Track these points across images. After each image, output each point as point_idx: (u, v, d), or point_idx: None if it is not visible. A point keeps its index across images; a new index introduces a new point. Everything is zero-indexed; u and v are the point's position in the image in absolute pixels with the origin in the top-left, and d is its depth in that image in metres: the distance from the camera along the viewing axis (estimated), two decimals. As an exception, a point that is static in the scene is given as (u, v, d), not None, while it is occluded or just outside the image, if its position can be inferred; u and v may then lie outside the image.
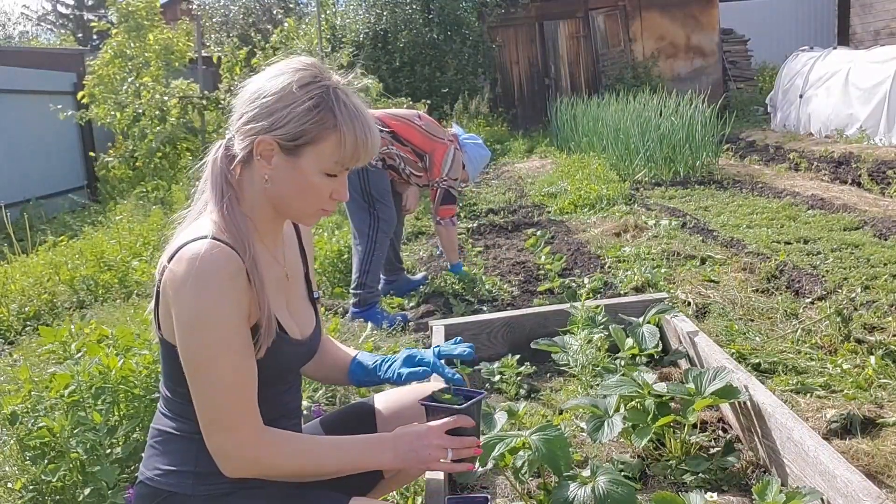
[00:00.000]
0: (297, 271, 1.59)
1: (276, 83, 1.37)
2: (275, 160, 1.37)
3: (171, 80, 9.35)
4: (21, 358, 3.44)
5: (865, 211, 5.48)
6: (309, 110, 1.35)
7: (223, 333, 1.30)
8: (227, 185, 1.40)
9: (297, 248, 1.61)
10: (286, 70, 1.39)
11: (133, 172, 9.35)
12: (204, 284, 1.29)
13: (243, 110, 1.39)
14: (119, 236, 5.68)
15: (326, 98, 1.36)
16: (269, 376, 1.43)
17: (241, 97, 1.41)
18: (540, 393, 2.81)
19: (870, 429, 2.28)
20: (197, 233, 1.35)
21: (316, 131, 1.35)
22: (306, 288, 1.61)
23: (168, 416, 1.45)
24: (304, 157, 1.37)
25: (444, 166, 4.09)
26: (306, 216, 1.47)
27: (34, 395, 2.19)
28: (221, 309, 1.30)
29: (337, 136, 1.36)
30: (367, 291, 3.91)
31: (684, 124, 8.15)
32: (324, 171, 1.39)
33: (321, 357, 1.68)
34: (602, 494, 1.66)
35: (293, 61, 1.41)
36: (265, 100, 1.36)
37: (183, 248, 1.32)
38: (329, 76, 1.41)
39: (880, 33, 13.70)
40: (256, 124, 1.36)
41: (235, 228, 1.35)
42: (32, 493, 2.02)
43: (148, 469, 1.45)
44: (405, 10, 14.38)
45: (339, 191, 1.43)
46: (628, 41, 15.23)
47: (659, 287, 3.92)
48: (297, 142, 1.35)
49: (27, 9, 56.67)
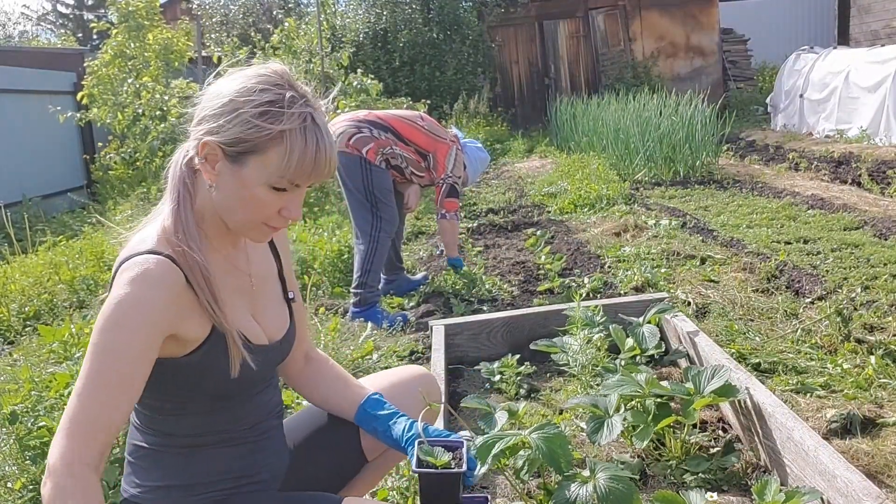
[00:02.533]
0: (268, 272, 1.53)
1: (233, 86, 1.30)
2: (219, 166, 1.31)
3: (171, 79, 9.34)
4: (21, 358, 3.44)
5: (865, 211, 5.48)
6: (255, 116, 1.26)
7: (134, 329, 1.23)
8: (185, 188, 1.34)
9: (267, 248, 1.56)
10: (250, 74, 1.31)
11: (133, 172, 9.35)
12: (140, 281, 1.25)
13: (199, 111, 1.34)
14: (119, 236, 5.68)
15: (277, 106, 1.27)
16: (240, 383, 1.40)
17: (203, 98, 1.36)
18: (540, 393, 2.81)
19: (870, 429, 2.28)
20: (143, 242, 1.32)
21: (260, 140, 1.27)
22: (282, 288, 1.56)
23: (140, 430, 1.42)
24: (247, 167, 1.29)
25: (448, 164, 4.12)
26: (249, 230, 1.37)
27: (34, 395, 2.19)
28: (144, 307, 1.24)
29: (282, 147, 1.27)
30: (368, 291, 3.91)
31: (684, 124, 8.15)
32: (269, 185, 1.29)
33: (317, 381, 1.64)
34: (603, 492, 1.66)
35: (260, 67, 1.34)
36: (217, 101, 1.30)
37: (127, 261, 1.29)
38: (291, 84, 1.31)
39: (880, 33, 13.70)
40: (205, 125, 1.30)
41: (184, 236, 1.30)
42: (32, 493, 2.02)
43: (131, 486, 1.41)
44: (405, 9, 14.39)
45: (289, 209, 1.33)
46: (628, 41, 15.23)
47: (659, 287, 3.92)
48: (239, 148, 1.28)
49: (27, 9, 56.72)
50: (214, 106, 1.30)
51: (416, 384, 1.72)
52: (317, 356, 1.68)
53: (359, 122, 3.95)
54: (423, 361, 3.26)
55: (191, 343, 1.33)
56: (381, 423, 1.55)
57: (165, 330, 1.27)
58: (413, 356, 3.36)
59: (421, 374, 1.77)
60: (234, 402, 1.43)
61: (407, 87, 13.58)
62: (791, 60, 11.33)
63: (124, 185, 9.30)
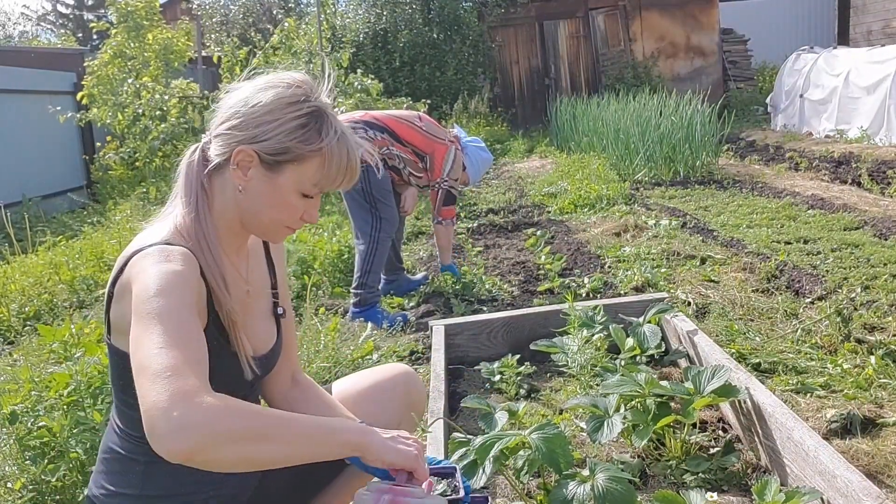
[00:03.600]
0: (263, 286, 1.54)
1: (267, 95, 1.33)
2: (252, 172, 1.34)
3: (171, 80, 9.35)
4: (21, 358, 3.44)
5: (865, 211, 5.48)
6: (297, 128, 1.32)
7: (182, 293, 1.21)
8: (202, 190, 1.36)
9: (263, 260, 1.56)
10: (278, 84, 1.35)
11: (133, 172, 9.35)
12: (167, 259, 1.25)
13: (227, 116, 1.35)
14: (119, 236, 5.68)
15: (315, 118, 1.34)
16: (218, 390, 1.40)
17: (226, 102, 1.37)
18: (540, 393, 2.81)
19: (870, 429, 2.28)
20: (153, 237, 1.32)
21: (300, 150, 1.32)
22: (272, 303, 1.56)
23: (117, 433, 1.41)
24: (283, 174, 1.34)
25: (445, 166, 4.10)
26: (271, 233, 1.43)
27: (34, 395, 2.19)
28: (182, 277, 1.23)
29: (321, 158, 1.33)
30: (368, 291, 3.91)
31: (684, 124, 8.15)
32: (300, 192, 1.36)
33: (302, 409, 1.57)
34: (602, 492, 1.66)
35: (285, 76, 1.38)
36: (252, 109, 1.32)
37: (142, 251, 1.28)
38: (319, 96, 1.37)
39: (880, 33, 13.70)
40: (239, 133, 1.33)
41: (202, 237, 1.32)
42: (32, 493, 2.02)
43: (95, 486, 1.42)
44: (405, 9, 14.39)
45: (310, 213, 1.40)
46: (628, 41, 15.24)
47: (659, 287, 3.92)
48: (280, 157, 1.32)
49: (27, 9, 56.70)
50: (250, 114, 1.32)
51: (397, 383, 1.70)
52: (303, 380, 1.65)
53: (355, 122, 3.93)
54: (423, 361, 3.26)
55: None
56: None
57: (198, 301, 1.27)
58: (413, 356, 3.36)
59: (403, 372, 1.75)
60: None
61: (407, 87, 13.59)
62: (791, 60, 11.32)
63: (124, 186, 9.30)
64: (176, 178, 1.40)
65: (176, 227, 1.33)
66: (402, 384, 1.70)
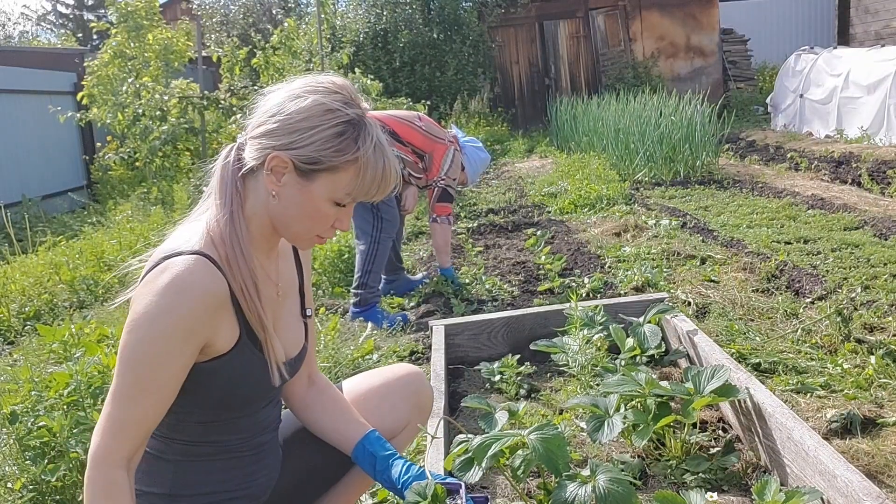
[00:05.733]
0: (292, 286, 1.53)
1: (305, 101, 1.30)
2: (285, 178, 1.32)
3: (171, 80, 9.34)
4: (21, 358, 3.45)
5: (865, 211, 5.48)
6: (333, 137, 1.29)
7: (168, 341, 1.23)
8: (236, 192, 1.34)
9: (292, 260, 1.55)
10: (317, 89, 1.32)
11: (133, 172, 9.35)
12: (176, 293, 1.23)
13: (263, 120, 1.33)
14: (119, 236, 5.68)
15: (353, 128, 1.31)
16: (250, 397, 1.41)
17: (262, 105, 1.35)
18: (540, 393, 2.81)
19: (870, 429, 2.28)
20: (188, 241, 1.30)
21: (336, 159, 1.30)
22: (300, 303, 1.55)
23: None
24: (317, 182, 1.32)
25: (444, 165, 4.11)
26: (302, 240, 1.42)
27: (34, 395, 2.19)
28: (177, 322, 1.23)
29: (356, 168, 1.31)
30: (368, 291, 3.91)
31: (684, 124, 8.15)
32: (333, 200, 1.34)
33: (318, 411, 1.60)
34: (602, 493, 1.66)
35: (324, 80, 1.35)
36: (289, 115, 1.30)
37: (170, 259, 1.27)
38: (358, 104, 1.35)
39: (880, 33, 13.70)
40: (274, 139, 1.30)
41: (236, 242, 1.31)
42: (32, 493, 2.02)
43: None
44: (405, 9, 14.39)
45: (342, 221, 1.39)
46: (628, 41, 15.24)
47: (659, 287, 3.92)
48: (314, 166, 1.30)
49: (27, 9, 56.72)
50: (286, 120, 1.30)
51: (407, 383, 1.71)
52: (319, 380, 1.65)
53: None
54: (423, 361, 3.26)
55: (216, 350, 1.32)
56: (380, 463, 1.53)
57: (202, 340, 1.28)
58: (413, 356, 3.36)
59: (413, 372, 1.75)
60: (239, 415, 1.43)
61: (407, 87, 13.59)
62: (791, 60, 11.32)
63: (124, 186, 9.31)
64: (209, 177, 1.39)
65: (209, 231, 1.31)
66: (411, 384, 1.71)
